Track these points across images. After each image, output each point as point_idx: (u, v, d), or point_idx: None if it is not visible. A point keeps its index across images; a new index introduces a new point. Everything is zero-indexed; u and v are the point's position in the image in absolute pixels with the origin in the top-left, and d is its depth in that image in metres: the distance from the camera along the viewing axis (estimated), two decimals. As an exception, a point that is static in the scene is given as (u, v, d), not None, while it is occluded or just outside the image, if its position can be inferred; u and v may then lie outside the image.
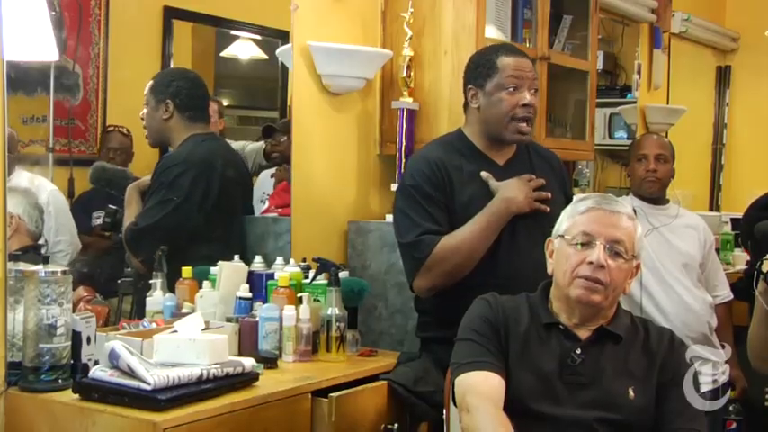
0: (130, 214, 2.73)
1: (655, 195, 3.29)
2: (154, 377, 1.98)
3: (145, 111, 2.81)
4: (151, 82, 2.82)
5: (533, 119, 2.50)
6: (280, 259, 2.77)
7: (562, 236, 2.01)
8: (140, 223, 2.72)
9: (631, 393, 1.96)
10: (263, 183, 3.16)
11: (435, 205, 2.43)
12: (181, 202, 2.75)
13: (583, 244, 1.97)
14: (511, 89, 2.45)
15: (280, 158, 3.12)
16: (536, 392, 1.96)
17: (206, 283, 2.62)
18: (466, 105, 2.56)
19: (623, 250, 1.97)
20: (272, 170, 3.17)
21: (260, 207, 3.10)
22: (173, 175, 2.76)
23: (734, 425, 3.28)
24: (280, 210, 3.02)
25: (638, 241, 2.02)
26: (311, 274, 2.65)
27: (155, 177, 2.78)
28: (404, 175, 2.57)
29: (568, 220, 2.03)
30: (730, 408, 3.28)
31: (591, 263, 1.94)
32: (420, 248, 2.39)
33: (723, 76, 5.90)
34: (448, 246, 2.37)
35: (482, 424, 1.83)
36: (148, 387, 1.97)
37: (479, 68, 2.50)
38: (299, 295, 2.59)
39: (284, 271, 2.67)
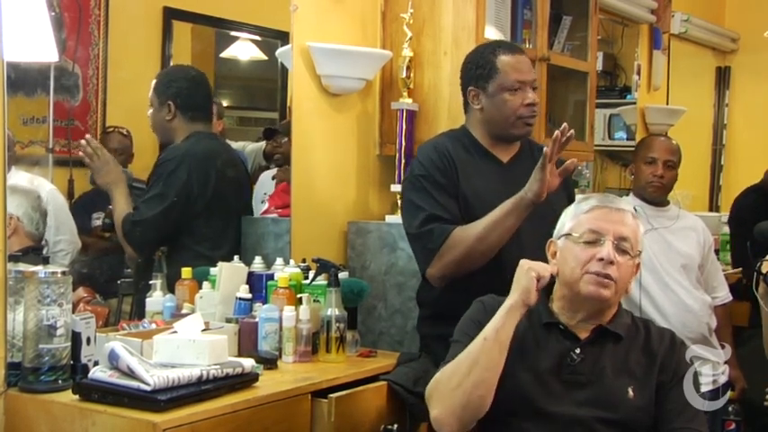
0: (120, 205, 2.73)
1: (657, 200, 3.29)
2: (153, 378, 1.98)
3: (150, 111, 2.82)
4: (154, 81, 2.83)
5: (536, 115, 2.53)
6: (279, 260, 2.77)
7: (568, 235, 2.02)
8: (137, 215, 2.72)
9: (631, 393, 1.97)
10: (265, 184, 3.16)
11: (446, 193, 2.44)
12: (178, 196, 2.75)
13: (591, 242, 1.97)
14: (513, 89, 2.46)
15: (281, 160, 3.13)
16: (535, 391, 1.96)
17: (206, 284, 2.62)
18: (466, 105, 2.57)
19: (629, 247, 1.99)
20: (274, 171, 3.17)
21: (261, 208, 3.10)
22: (170, 169, 2.77)
23: (733, 425, 3.28)
24: (279, 210, 3.02)
25: (641, 239, 2.04)
26: (311, 274, 2.65)
27: (153, 170, 2.79)
28: (412, 165, 2.55)
29: (572, 220, 2.04)
30: (729, 408, 3.27)
31: (601, 259, 1.95)
32: (432, 238, 2.39)
33: (723, 77, 5.91)
34: (460, 234, 2.37)
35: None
36: (148, 388, 1.97)
37: (479, 70, 2.50)
38: (298, 296, 2.59)
39: (284, 272, 2.67)
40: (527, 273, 1.94)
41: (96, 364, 2.17)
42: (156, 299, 2.58)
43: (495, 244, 2.35)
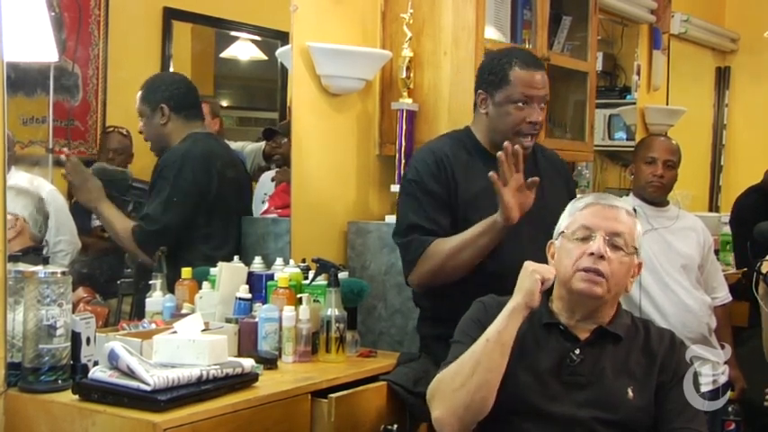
0: (115, 219, 2.71)
1: (657, 200, 3.29)
2: (153, 378, 1.98)
3: (141, 123, 2.81)
4: (140, 93, 2.81)
5: (538, 133, 2.51)
6: (279, 260, 2.77)
7: (563, 233, 2.03)
8: (152, 224, 2.72)
9: (630, 393, 1.97)
10: (265, 184, 3.16)
11: (435, 201, 2.44)
12: (187, 197, 2.75)
13: (583, 238, 1.98)
14: (520, 104, 2.44)
15: (281, 160, 3.13)
16: (535, 392, 1.96)
17: (206, 284, 2.62)
18: (475, 106, 2.57)
19: (623, 243, 1.98)
20: (273, 172, 3.17)
21: (260, 208, 3.10)
22: (175, 171, 2.77)
23: (733, 425, 3.28)
24: (279, 210, 3.02)
25: (638, 237, 2.03)
26: (311, 274, 2.66)
27: (156, 174, 2.79)
28: (408, 167, 2.56)
29: (568, 219, 2.05)
30: (729, 408, 3.28)
31: (591, 254, 1.95)
32: (411, 250, 2.42)
33: (722, 77, 5.91)
34: (435, 248, 2.38)
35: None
36: (148, 388, 1.97)
37: (491, 76, 2.48)
38: (298, 296, 2.59)
39: (284, 272, 2.67)
40: (531, 275, 1.94)
41: (96, 364, 2.17)
42: (156, 299, 2.58)
43: (468, 262, 2.36)
